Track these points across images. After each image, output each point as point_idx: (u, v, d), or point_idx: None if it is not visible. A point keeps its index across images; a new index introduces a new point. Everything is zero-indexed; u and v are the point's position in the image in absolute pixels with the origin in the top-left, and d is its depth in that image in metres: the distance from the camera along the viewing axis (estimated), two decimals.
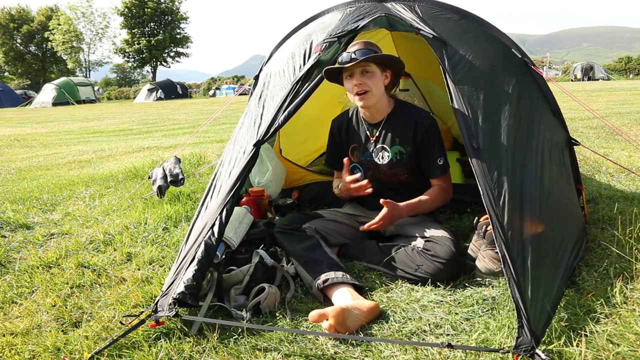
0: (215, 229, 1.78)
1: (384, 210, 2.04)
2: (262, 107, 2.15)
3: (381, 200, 2.02)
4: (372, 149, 2.31)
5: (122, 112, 18.22)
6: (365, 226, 2.08)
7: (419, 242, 2.06)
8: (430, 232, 2.08)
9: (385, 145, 2.27)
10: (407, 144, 2.24)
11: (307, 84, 2.04)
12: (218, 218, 1.80)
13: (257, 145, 1.93)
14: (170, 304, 1.63)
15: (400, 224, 2.23)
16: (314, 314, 1.57)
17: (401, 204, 2.11)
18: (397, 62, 2.20)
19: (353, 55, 2.08)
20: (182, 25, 52.10)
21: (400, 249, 2.06)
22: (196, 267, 1.71)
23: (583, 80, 29.51)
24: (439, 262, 1.92)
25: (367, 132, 2.32)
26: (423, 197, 2.20)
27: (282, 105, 2.00)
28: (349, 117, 2.41)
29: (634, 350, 1.38)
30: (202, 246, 1.75)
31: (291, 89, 2.03)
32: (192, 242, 1.81)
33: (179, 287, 1.66)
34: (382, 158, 2.27)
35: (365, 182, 2.12)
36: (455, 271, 1.97)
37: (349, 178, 2.17)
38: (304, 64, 2.15)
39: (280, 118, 1.97)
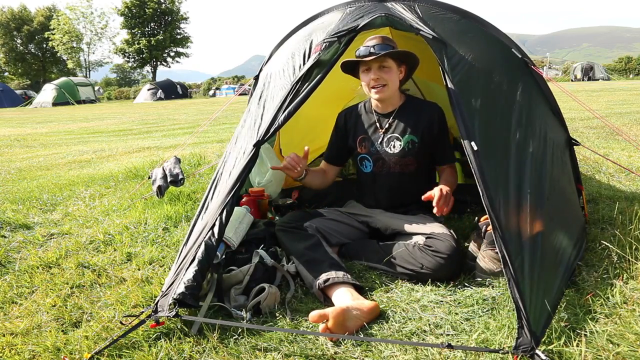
0: (215, 229, 1.78)
1: (436, 191, 1.96)
2: (262, 108, 2.15)
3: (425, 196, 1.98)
4: (382, 139, 2.32)
5: (122, 112, 18.22)
6: (436, 210, 1.94)
7: (420, 239, 2.06)
8: (431, 229, 2.09)
9: (397, 135, 2.29)
10: (419, 134, 2.28)
11: (307, 84, 2.04)
12: (218, 218, 1.80)
13: (257, 145, 1.93)
14: (170, 304, 1.63)
15: (400, 222, 2.24)
16: (314, 314, 1.57)
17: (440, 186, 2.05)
18: (413, 58, 2.25)
19: (372, 50, 2.13)
20: (182, 25, 52.11)
21: (401, 246, 2.06)
22: (196, 268, 1.71)
23: (583, 80, 29.48)
24: (440, 257, 1.92)
25: (378, 123, 2.35)
26: (446, 178, 2.28)
27: (282, 105, 2.00)
28: (357, 110, 2.45)
29: (634, 350, 1.38)
30: (202, 246, 1.75)
31: (291, 89, 2.03)
32: (192, 242, 1.81)
33: (179, 288, 1.66)
34: (394, 147, 2.30)
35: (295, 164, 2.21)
36: (456, 267, 1.97)
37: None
38: (304, 63, 2.15)
39: (280, 118, 1.97)
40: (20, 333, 1.69)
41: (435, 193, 1.96)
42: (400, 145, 2.29)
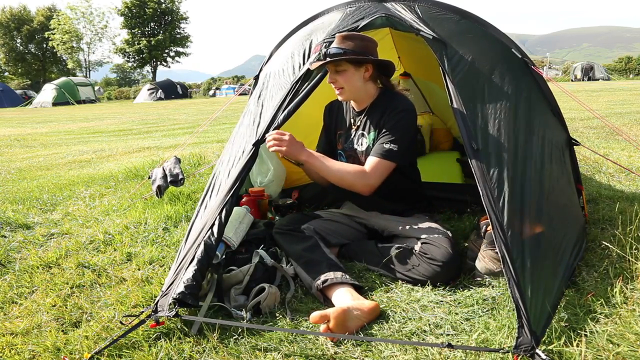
0: (215, 228, 1.78)
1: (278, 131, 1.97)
2: (261, 107, 2.15)
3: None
4: (354, 135, 2.30)
5: (122, 112, 18.22)
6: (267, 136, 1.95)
7: (416, 244, 2.05)
8: (427, 234, 2.07)
9: (364, 132, 2.25)
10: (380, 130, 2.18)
11: (306, 84, 2.04)
12: (217, 218, 1.80)
13: (257, 144, 1.93)
14: (170, 304, 1.63)
15: (396, 224, 2.23)
16: (315, 315, 1.57)
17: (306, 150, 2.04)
18: (366, 61, 2.09)
19: (330, 52, 2.02)
20: (182, 25, 52.13)
21: (399, 251, 2.05)
22: (196, 267, 1.71)
23: (583, 80, 29.47)
24: (436, 264, 1.92)
25: (352, 119, 2.33)
26: (335, 161, 2.12)
27: (282, 104, 2.00)
28: (339, 103, 2.41)
29: (634, 351, 1.38)
30: (202, 246, 1.75)
31: (290, 88, 2.04)
32: (191, 242, 1.81)
33: (179, 287, 1.66)
34: (361, 145, 2.26)
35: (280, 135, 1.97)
36: (453, 272, 1.96)
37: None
38: (304, 63, 2.15)
39: (280, 117, 1.97)
40: (20, 333, 1.69)
41: (275, 133, 1.94)
42: (366, 142, 2.24)
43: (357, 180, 2.07)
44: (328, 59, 2.02)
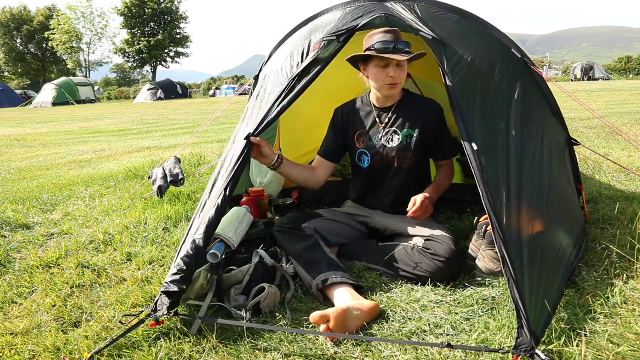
0: (211, 222, 1.77)
1: (419, 198, 2.08)
2: (259, 104, 2.15)
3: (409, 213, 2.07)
4: (382, 133, 2.30)
5: (122, 112, 18.22)
6: (410, 213, 2.07)
7: (419, 241, 2.06)
8: (430, 232, 2.08)
9: (396, 129, 2.27)
10: (417, 128, 2.25)
11: (303, 80, 2.04)
12: (214, 212, 1.78)
13: (249, 137, 1.94)
14: (160, 296, 1.62)
15: (399, 223, 2.24)
16: (315, 315, 1.57)
17: (426, 192, 2.15)
18: (419, 57, 2.17)
19: (398, 47, 2.07)
20: (181, 25, 52.16)
21: (400, 248, 2.06)
22: (184, 255, 1.69)
23: (583, 80, 29.48)
24: (439, 260, 1.92)
25: (377, 117, 2.32)
26: (439, 179, 2.31)
27: (277, 100, 2.00)
28: (355, 105, 2.41)
29: (634, 351, 1.38)
30: (194, 241, 1.73)
31: (287, 85, 2.03)
32: (190, 240, 1.81)
33: (168, 278, 1.65)
34: (392, 141, 2.27)
35: None
36: (455, 270, 1.97)
37: None
38: (302, 62, 2.15)
39: (274, 112, 1.97)
40: (20, 333, 1.69)
41: (417, 202, 2.05)
42: (398, 139, 2.26)
43: (453, 174, 2.40)
44: (413, 54, 2.08)
